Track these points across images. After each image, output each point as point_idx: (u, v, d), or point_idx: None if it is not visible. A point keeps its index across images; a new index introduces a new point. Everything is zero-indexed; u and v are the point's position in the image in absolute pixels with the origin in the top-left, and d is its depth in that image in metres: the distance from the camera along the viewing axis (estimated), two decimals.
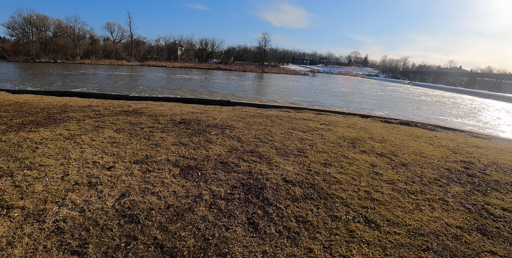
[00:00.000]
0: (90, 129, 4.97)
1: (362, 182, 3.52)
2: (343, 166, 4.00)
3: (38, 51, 72.86)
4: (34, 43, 74.83)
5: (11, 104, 7.27)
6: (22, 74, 34.45)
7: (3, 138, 4.33)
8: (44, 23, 79.74)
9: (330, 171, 3.77)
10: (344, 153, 4.65)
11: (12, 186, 2.93)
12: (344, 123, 7.54)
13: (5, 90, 12.69)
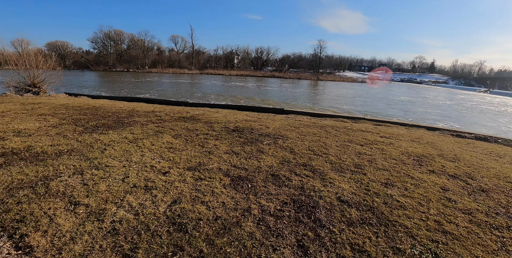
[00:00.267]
0: (151, 134, 5.31)
1: (431, 209, 3.05)
2: (408, 188, 3.55)
3: (114, 61, 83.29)
4: (112, 54, 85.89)
5: (89, 108, 8.23)
6: (100, 81, 39.38)
7: (80, 139, 4.86)
8: (120, 37, 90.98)
9: (392, 192, 3.37)
10: (409, 172, 4.15)
11: (81, 184, 3.21)
12: (408, 137, 6.83)
13: (86, 96, 14.54)
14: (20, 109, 7.99)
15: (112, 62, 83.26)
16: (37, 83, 16.05)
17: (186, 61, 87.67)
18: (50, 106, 8.51)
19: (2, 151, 4.30)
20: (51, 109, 7.87)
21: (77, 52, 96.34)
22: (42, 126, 5.75)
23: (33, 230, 2.41)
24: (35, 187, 3.15)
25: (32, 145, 4.51)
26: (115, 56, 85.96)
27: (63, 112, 7.40)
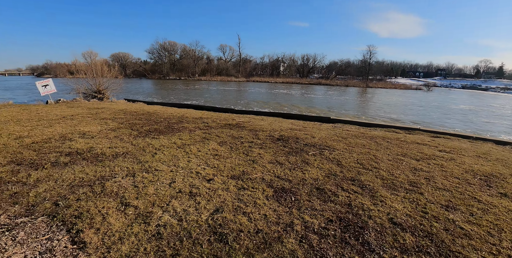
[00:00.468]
0: (198, 140, 5.49)
1: (504, 241, 2.60)
2: (474, 213, 3.09)
3: (168, 70, 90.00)
4: (166, 64, 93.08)
5: (144, 114, 8.86)
6: (155, 88, 42.45)
7: (134, 142, 5.22)
8: (174, 48, 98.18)
9: (454, 217, 2.97)
10: (475, 194, 3.64)
11: (132, 186, 3.40)
12: (472, 152, 6.07)
13: (142, 102, 15.73)
14: (86, 113, 8.92)
15: (166, 71, 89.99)
16: (102, 90, 17.88)
17: (233, 69, 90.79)
18: (111, 111, 9.37)
19: (69, 150, 4.79)
20: (112, 114, 8.64)
21: (136, 62, 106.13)
22: (103, 130, 6.32)
23: (88, 227, 2.58)
24: (93, 186, 3.41)
25: (93, 147, 4.96)
26: (169, 65, 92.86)
27: (122, 117, 8.07)
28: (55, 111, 9.28)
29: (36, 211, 2.90)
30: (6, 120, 7.77)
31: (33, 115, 8.45)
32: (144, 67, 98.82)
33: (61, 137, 5.72)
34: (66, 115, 8.40)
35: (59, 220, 2.72)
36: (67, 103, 12.62)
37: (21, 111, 9.44)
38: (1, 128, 6.69)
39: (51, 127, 6.59)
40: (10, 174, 3.85)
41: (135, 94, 29.08)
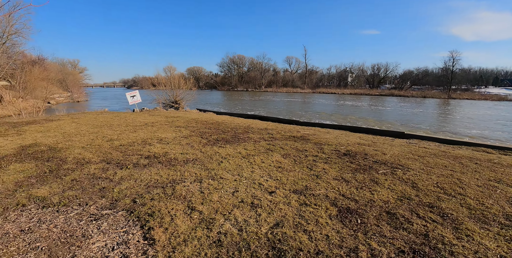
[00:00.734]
0: (263, 151, 5.57)
1: None
2: None
3: (236, 82, 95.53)
4: (234, 76, 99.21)
5: (213, 123, 9.43)
6: (223, 99, 45.04)
7: (203, 150, 5.57)
8: (242, 61, 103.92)
9: None
10: None
11: (199, 191, 3.59)
12: None
13: (212, 112, 16.80)
14: (164, 121, 9.93)
15: (234, 83, 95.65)
16: (178, 101, 19.78)
17: (299, 80, 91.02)
18: (184, 120, 10.24)
19: (148, 154, 5.36)
20: (185, 123, 9.44)
21: (208, 75, 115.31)
22: (177, 137, 6.92)
23: (158, 226, 2.80)
24: (165, 188, 3.72)
25: (168, 152, 5.45)
26: (237, 78, 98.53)
27: (193, 126, 8.74)
28: (139, 119, 10.58)
29: (118, 206, 3.28)
30: (102, 125, 9.15)
31: (122, 122, 9.78)
32: (215, 79, 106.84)
33: (142, 141, 6.46)
34: (147, 123, 9.49)
35: (135, 216, 3.02)
36: (149, 112, 14.26)
37: (113, 117, 11.03)
38: (98, 131, 7.90)
39: (135, 133, 7.51)
40: (101, 171, 4.47)
41: (205, 105, 31.36)
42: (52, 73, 46.01)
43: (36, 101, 29.72)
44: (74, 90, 47.03)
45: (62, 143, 6.53)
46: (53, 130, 8.40)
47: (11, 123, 10.43)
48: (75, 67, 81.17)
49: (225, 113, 16.46)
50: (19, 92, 29.51)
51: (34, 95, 31.46)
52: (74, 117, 11.54)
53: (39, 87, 32.93)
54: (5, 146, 6.47)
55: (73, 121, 10.03)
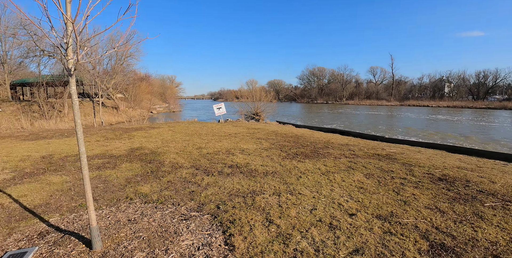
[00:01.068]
0: (343, 168, 5.35)
1: None
2: None
3: (316, 94, 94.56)
4: (314, 89, 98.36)
5: (292, 136, 9.52)
6: (302, 112, 44.92)
7: (282, 163, 5.67)
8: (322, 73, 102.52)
9: None
10: None
11: (277, 204, 3.66)
12: None
13: (292, 124, 16.95)
14: (246, 132, 10.50)
15: (314, 95, 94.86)
16: (259, 113, 20.70)
17: (385, 92, 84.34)
18: (265, 132, 10.63)
19: (231, 163, 5.75)
20: (265, 135, 9.79)
21: (288, 88, 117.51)
22: (258, 148, 7.23)
23: (238, 233, 2.96)
24: (245, 197, 3.92)
25: (249, 163, 5.74)
26: (317, 90, 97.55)
27: (273, 138, 8.99)
28: (224, 129, 11.47)
29: (204, 209, 3.61)
30: (192, 133, 10.25)
31: (209, 131, 10.76)
32: (295, 92, 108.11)
33: (226, 150, 6.98)
34: (231, 133, 10.20)
35: (218, 221, 3.27)
36: (233, 123, 15.31)
37: (202, 127, 12.24)
38: (189, 139, 8.87)
39: (220, 142, 8.17)
40: (191, 176, 5.00)
41: (285, 117, 31.86)
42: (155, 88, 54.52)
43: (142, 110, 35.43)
44: (170, 102, 54.41)
45: (161, 148, 7.57)
46: (154, 136, 9.82)
47: (124, 129, 12.63)
48: (172, 82, 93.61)
49: (304, 126, 16.41)
50: (130, 103, 35.65)
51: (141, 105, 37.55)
52: (170, 125, 13.26)
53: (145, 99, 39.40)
54: (119, 147, 7.86)
55: (169, 130, 11.54)
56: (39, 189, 4.55)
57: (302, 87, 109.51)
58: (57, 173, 5.44)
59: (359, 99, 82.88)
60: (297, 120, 28.59)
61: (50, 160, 6.53)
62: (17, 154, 7.43)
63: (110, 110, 33.25)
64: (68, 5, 2.34)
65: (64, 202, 4.02)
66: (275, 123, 17.67)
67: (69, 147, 8.23)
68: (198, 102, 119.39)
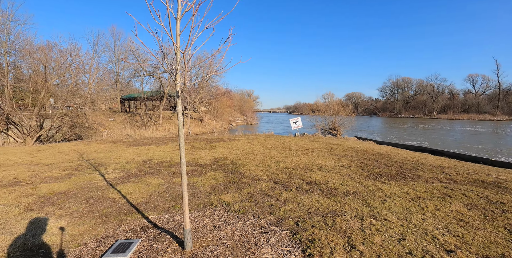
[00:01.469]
0: (437, 195, 4.71)
1: None
2: None
3: (400, 108, 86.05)
4: (398, 101, 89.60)
5: (374, 154, 8.88)
6: (384, 127, 41.45)
7: (364, 183, 5.34)
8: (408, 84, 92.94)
9: None
10: None
11: (359, 229, 3.45)
12: None
13: (372, 141, 15.83)
14: (323, 148, 10.26)
15: (398, 108, 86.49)
16: (336, 127, 19.99)
17: (488, 104, 71.41)
18: (343, 148, 10.19)
19: (309, 179, 5.69)
20: (344, 151, 9.38)
21: (367, 101, 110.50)
22: (337, 165, 6.98)
23: (318, 254, 2.88)
24: (325, 217, 3.81)
25: (328, 180, 5.58)
26: (401, 103, 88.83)
27: (353, 155, 8.55)
28: (300, 144, 11.44)
29: (283, 224, 3.64)
30: (270, 146, 10.53)
31: (286, 145, 10.88)
32: (375, 105, 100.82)
33: (304, 166, 6.94)
34: (308, 148, 10.11)
35: (297, 238, 3.25)
36: (309, 137, 15.14)
37: (279, 141, 12.46)
38: (267, 152, 9.13)
39: (297, 157, 8.17)
40: (270, 189, 5.12)
41: (364, 132, 29.92)
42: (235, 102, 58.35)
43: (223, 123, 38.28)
44: (248, 115, 57.28)
45: (241, 159, 7.99)
46: (235, 147, 10.44)
47: (208, 139, 13.78)
48: (250, 96, 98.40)
49: (387, 143, 15.09)
50: (213, 116, 38.89)
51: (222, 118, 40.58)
52: (249, 138, 13.91)
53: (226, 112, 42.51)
54: (204, 156, 8.60)
55: (248, 142, 12.10)
56: (141, 189, 5.31)
57: (383, 100, 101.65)
58: (155, 176, 6.26)
59: (454, 113, 72.07)
60: (378, 136, 26.47)
61: (149, 164, 7.58)
62: (124, 157, 8.86)
63: (196, 122, 36.88)
64: (178, 38, 2.77)
65: (160, 202, 4.60)
66: (353, 139, 16.76)
67: (163, 153, 9.41)
68: (274, 115, 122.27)
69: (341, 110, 22.57)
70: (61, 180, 6.04)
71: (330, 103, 26.92)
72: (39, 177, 6.36)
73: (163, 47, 2.90)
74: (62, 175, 6.51)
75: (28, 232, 3.55)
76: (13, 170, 7.19)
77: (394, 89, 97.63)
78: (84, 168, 7.24)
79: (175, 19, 2.73)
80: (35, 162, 8.51)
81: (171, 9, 2.72)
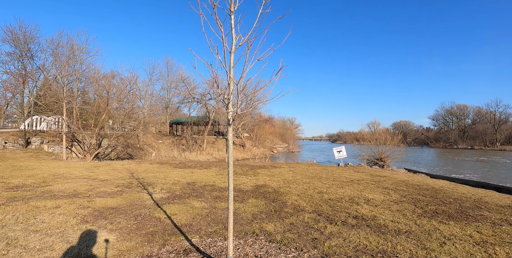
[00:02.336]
0: (508, 241, 4.08)
1: None
2: None
3: (456, 138, 78.36)
4: (453, 131, 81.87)
5: (428, 189, 8.11)
6: (438, 158, 37.97)
7: (418, 222, 4.85)
8: (464, 112, 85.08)
9: None
10: None
11: None
12: None
13: (425, 173, 14.55)
14: (370, 179, 9.67)
15: (453, 138, 79.08)
16: (383, 158, 18.82)
17: None
18: (392, 181, 9.50)
19: (355, 214, 5.35)
20: (393, 184, 8.73)
21: (417, 130, 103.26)
22: (386, 200, 6.48)
23: None
24: (375, 256, 3.50)
25: (376, 216, 5.19)
26: (457, 132, 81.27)
27: (403, 189, 7.90)
28: (345, 174, 10.94)
29: None
30: (313, 176, 10.23)
31: (330, 175, 10.48)
32: (427, 134, 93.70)
33: (349, 199, 6.57)
34: (353, 179, 9.61)
35: None
36: (354, 168, 14.44)
37: (322, 170, 12.07)
38: (310, 182, 8.88)
39: (342, 189, 7.79)
40: (313, 221, 4.90)
41: (415, 164, 27.67)
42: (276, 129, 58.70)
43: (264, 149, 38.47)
44: (290, 142, 56.93)
45: (283, 188, 7.85)
46: (277, 175, 10.34)
47: (250, 165, 13.88)
48: (292, 123, 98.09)
49: (443, 177, 13.71)
50: (254, 142, 39.39)
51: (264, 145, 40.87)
52: (291, 166, 13.72)
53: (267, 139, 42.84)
54: (246, 183, 8.63)
55: (290, 170, 11.92)
56: (184, 211, 5.45)
57: (436, 130, 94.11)
58: (198, 199, 6.41)
59: None
60: (431, 168, 24.22)
61: (193, 187, 7.81)
62: (170, 178, 9.27)
63: (238, 148, 37.58)
64: (232, 69, 2.98)
65: (202, 225, 4.66)
66: (403, 171, 15.56)
67: (207, 177, 9.66)
68: (316, 143, 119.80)
69: (389, 140, 21.32)
70: (113, 196, 6.49)
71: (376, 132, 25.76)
72: (95, 191, 6.93)
73: (217, 78, 3.14)
74: (115, 191, 7.00)
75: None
76: (74, 183, 7.95)
77: (448, 118, 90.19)
78: (134, 186, 7.71)
79: (230, 52, 2.97)
80: (92, 177, 9.32)
81: (226, 43, 2.98)
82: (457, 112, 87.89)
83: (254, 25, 2.91)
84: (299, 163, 16.28)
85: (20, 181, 8.12)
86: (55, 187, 7.40)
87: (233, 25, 2.95)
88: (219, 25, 2.93)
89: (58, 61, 28.80)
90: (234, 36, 2.96)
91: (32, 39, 29.12)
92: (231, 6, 2.93)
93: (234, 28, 2.94)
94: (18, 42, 28.26)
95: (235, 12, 2.97)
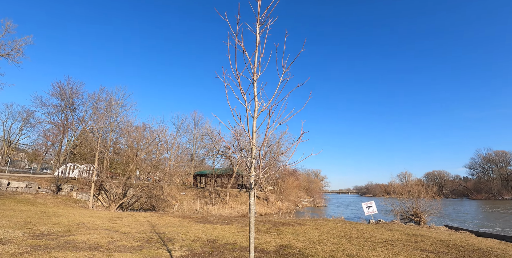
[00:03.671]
0: None
1: None
2: None
3: (499, 187, 71.35)
4: (495, 180, 74.87)
5: (474, 251, 7.21)
6: (482, 212, 34.21)
7: None
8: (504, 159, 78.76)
9: None
10: None
11: None
12: None
13: (469, 231, 13.05)
14: (405, 240, 8.82)
15: (496, 188, 71.92)
16: (418, 213, 17.29)
17: None
18: (431, 241, 8.58)
19: None
20: (433, 245, 7.86)
21: (454, 180, 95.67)
22: None
23: None
24: None
25: None
26: (500, 181, 74.16)
27: (445, 252, 7.07)
28: (376, 233, 10.08)
29: None
30: (341, 235, 9.51)
31: (360, 235, 9.69)
32: (465, 185, 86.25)
33: None
34: (386, 239, 8.79)
35: None
36: (386, 225, 13.32)
37: (351, 228, 11.22)
38: (338, 242, 8.23)
39: (374, 251, 7.11)
40: None
41: (457, 220, 24.99)
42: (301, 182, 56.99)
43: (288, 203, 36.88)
44: (315, 196, 54.41)
45: (309, 249, 7.32)
46: (302, 234, 9.73)
47: (273, 222, 13.25)
48: (317, 176, 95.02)
49: (490, 234, 12.15)
50: (278, 196, 38.15)
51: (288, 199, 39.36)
52: (317, 223, 12.92)
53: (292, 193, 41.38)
54: (269, 242, 8.15)
55: (316, 228, 11.21)
56: None
57: (475, 179, 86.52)
58: None
59: None
60: (475, 224, 21.66)
61: (213, 245, 7.48)
62: (191, 234, 9.00)
63: (261, 201, 36.38)
64: (254, 134, 3.16)
65: None
66: (443, 228, 14.07)
67: (228, 234, 9.27)
68: (343, 197, 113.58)
69: (423, 193, 19.79)
70: (133, 251, 6.36)
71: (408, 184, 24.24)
72: (115, 245, 6.84)
73: (239, 140, 3.32)
74: (135, 246, 6.87)
75: None
76: (96, 234, 7.94)
77: (487, 166, 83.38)
78: (154, 241, 7.54)
79: (252, 118, 3.19)
80: (114, 228, 9.28)
81: (249, 109, 3.22)
82: (496, 159, 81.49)
83: (275, 92, 3.18)
84: (326, 220, 15.30)
85: (46, 228, 8.25)
86: (77, 237, 7.43)
87: (256, 93, 3.23)
88: (242, 93, 3.22)
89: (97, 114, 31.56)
90: (257, 102, 3.22)
91: (76, 94, 32.98)
92: (254, 75, 3.27)
93: (256, 96, 3.21)
94: (64, 96, 32.14)
95: (257, 79, 3.29)
